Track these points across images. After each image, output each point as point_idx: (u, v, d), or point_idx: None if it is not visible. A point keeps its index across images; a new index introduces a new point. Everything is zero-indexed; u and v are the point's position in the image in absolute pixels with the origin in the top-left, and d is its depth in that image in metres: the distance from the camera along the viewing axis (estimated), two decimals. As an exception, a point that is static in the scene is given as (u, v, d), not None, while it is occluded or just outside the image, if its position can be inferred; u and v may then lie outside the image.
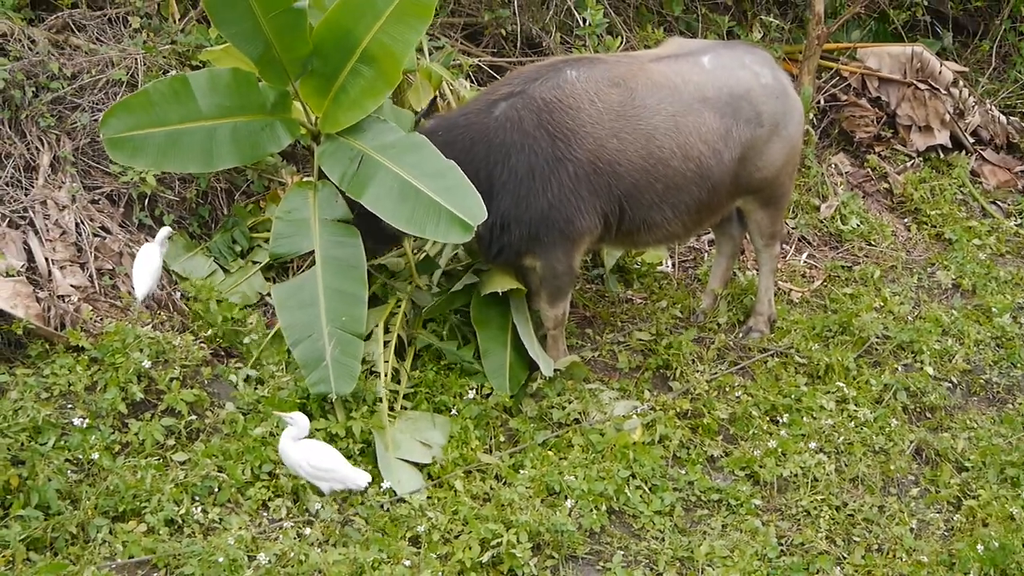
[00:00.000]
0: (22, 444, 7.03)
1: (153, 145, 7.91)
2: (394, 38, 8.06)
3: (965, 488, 8.31)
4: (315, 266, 8.07)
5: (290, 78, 8.15)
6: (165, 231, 8.42)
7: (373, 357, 8.30)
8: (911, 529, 7.90)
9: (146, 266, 8.23)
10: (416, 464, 7.82)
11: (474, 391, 8.34)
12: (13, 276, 8.05)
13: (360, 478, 7.32)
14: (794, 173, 9.47)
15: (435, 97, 8.79)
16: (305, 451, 7.25)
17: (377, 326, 8.47)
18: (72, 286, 8.31)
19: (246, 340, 8.38)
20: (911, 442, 8.68)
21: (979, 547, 7.41)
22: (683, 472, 8.08)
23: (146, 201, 8.89)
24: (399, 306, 8.67)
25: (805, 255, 11.09)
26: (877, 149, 12.46)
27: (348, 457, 7.67)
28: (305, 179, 8.51)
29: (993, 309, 10.31)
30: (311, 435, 7.60)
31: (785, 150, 8.92)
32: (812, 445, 8.37)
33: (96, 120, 9.02)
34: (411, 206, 7.80)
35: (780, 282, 10.40)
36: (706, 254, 10.69)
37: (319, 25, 8.07)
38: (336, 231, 8.19)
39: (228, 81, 8.10)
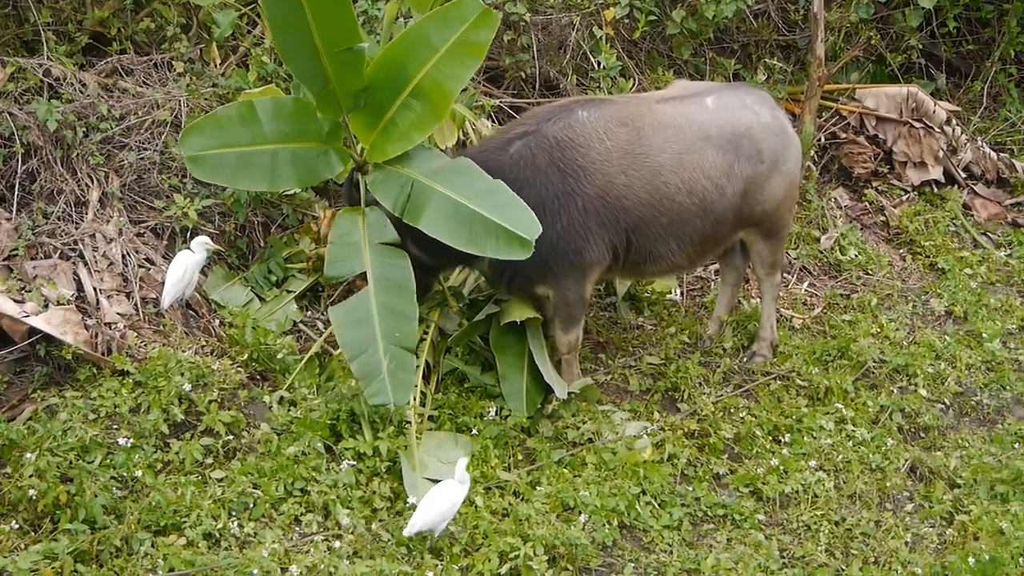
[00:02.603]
0: (71, 462, 7.05)
1: (228, 164, 7.95)
2: (446, 75, 8.04)
3: (957, 504, 8.27)
4: (367, 287, 8.02)
5: (343, 110, 8.15)
6: (200, 239, 8.45)
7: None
8: (906, 543, 7.86)
9: (174, 274, 8.31)
10: (440, 482, 7.82)
11: (494, 412, 8.34)
12: (64, 304, 8.10)
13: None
14: (793, 206, 9.46)
15: (462, 134, 8.78)
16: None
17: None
18: (118, 314, 8.34)
19: (278, 365, 8.39)
20: (906, 460, 8.63)
21: (971, 560, 7.36)
22: (690, 489, 8.06)
23: (188, 234, 8.91)
24: (426, 333, 8.67)
25: (806, 284, 11.06)
26: (874, 184, 12.43)
27: (375, 475, 7.68)
28: (352, 207, 8.48)
29: (984, 335, 10.26)
30: (340, 455, 7.64)
31: (784, 185, 8.91)
32: (812, 463, 8.34)
33: (143, 159, 9.09)
34: (468, 226, 7.78)
35: (782, 309, 10.37)
36: (712, 283, 10.67)
37: (375, 61, 8.08)
38: (386, 253, 8.13)
39: (291, 109, 8.13)
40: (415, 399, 8.18)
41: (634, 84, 11.33)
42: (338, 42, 7.80)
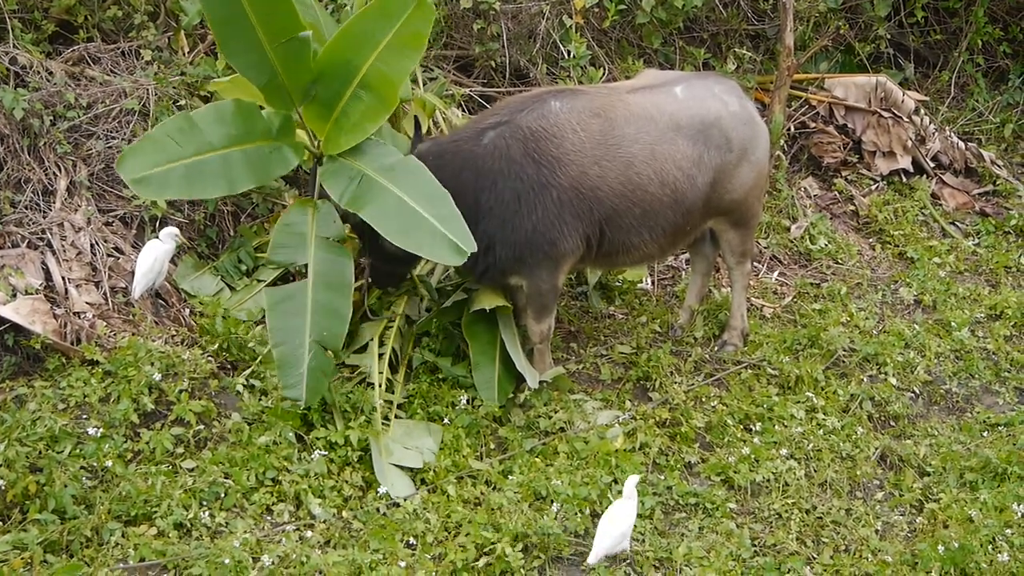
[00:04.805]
0: (40, 452, 7.02)
1: (176, 178, 7.82)
2: (391, 66, 8.02)
3: (927, 492, 8.33)
4: (307, 279, 8.03)
5: (295, 104, 8.14)
6: (169, 230, 8.42)
7: (368, 369, 8.30)
8: (876, 531, 7.91)
9: (143, 264, 8.29)
10: (410, 470, 7.82)
11: (465, 401, 8.35)
12: (32, 294, 8.05)
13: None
14: (762, 195, 9.49)
15: (417, 123, 8.77)
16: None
17: (372, 339, 8.48)
18: (87, 303, 8.30)
19: (249, 355, 8.37)
20: (876, 449, 8.68)
21: (940, 548, 7.41)
22: (662, 478, 8.09)
23: (157, 223, 8.88)
24: (392, 321, 8.67)
25: (776, 273, 11.10)
26: (844, 173, 12.49)
27: (346, 464, 7.68)
28: (306, 197, 8.48)
29: (952, 323, 10.33)
30: (312, 444, 7.64)
31: (753, 173, 8.94)
32: (783, 452, 8.38)
33: (111, 147, 9.04)
34: (408, 225, 7.76)
35: (753, 298, 10.41)
36: (683, 272, 10.69)
37: (321, 54, 8.05)
38: (330, 249, 8.14)
39: (233, 112, 8.06)
40: (380, 385, 8.18)
41: (604, 73, 11.33)
42: (281, 32, 7.79)
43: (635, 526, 7.59)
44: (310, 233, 8.15)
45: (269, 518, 7.29)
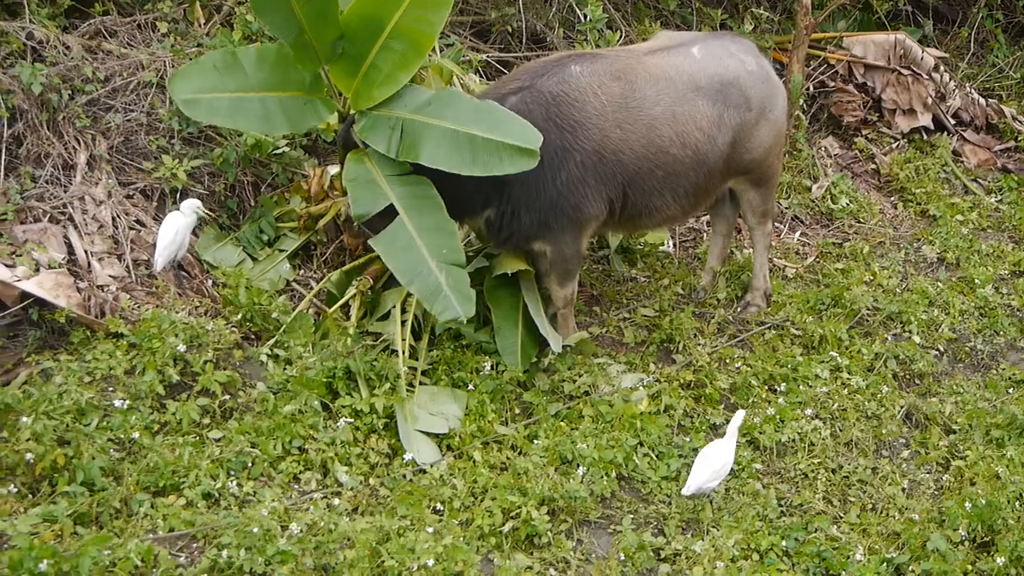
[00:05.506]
0: (67, 425, 7.03)
1: (223, 106, 7.90)
2: (420, 20, 7.96)
3: (953, 449, 8.32)
4: (400, 216, 7.89)
5: (321, 61, 8.10)
6: (189, 201, 8.43)
7: (391, 336, 8.30)
8: (903, 489, 7.91)
9: (165, 236, 8.30)
10: (436, 436, 7.84)
11: (489, 367, 8.35)
12: (55, 268, 8.06)
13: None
14: (781, 154, 9.46)
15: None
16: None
17: (395, 307, 8.47)
18: (110, 276, 8.32)
19: (272, 325, 8.38)
20: (901, 407, 8.68)
21: (967, 505, 7.40)
22: (687, 439, 8.08)
23: (178, 195, 8.88)
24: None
25: (798, 233, 11.07)
26: (864, 132, 12.45)
27: (372, 432, 7.69)
28: (356, 151, 8.38)
29: (976, 280, 10.30)
30: (337, 413, 7.65)
31: (772, 132, 8.91)
32: (808, 412, 8.37)
33: (129, 121, 9.04)
34: (469, 151, 7.71)
35: (775, 259, 10.39)
36: (704, 234, 10.67)
37: (347, 12, 7.99)
38: (406, 182, 8.02)
39: (274, 57, 8.07)
40: (404, 352, 8.18)
41: (621, 36, 11.28)
42: None
43: (660, 487, 7.62)
44: (378, 176, 8.06)
45: (296, 487, 7.30)
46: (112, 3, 9.84)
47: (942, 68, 12.70)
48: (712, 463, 7.36)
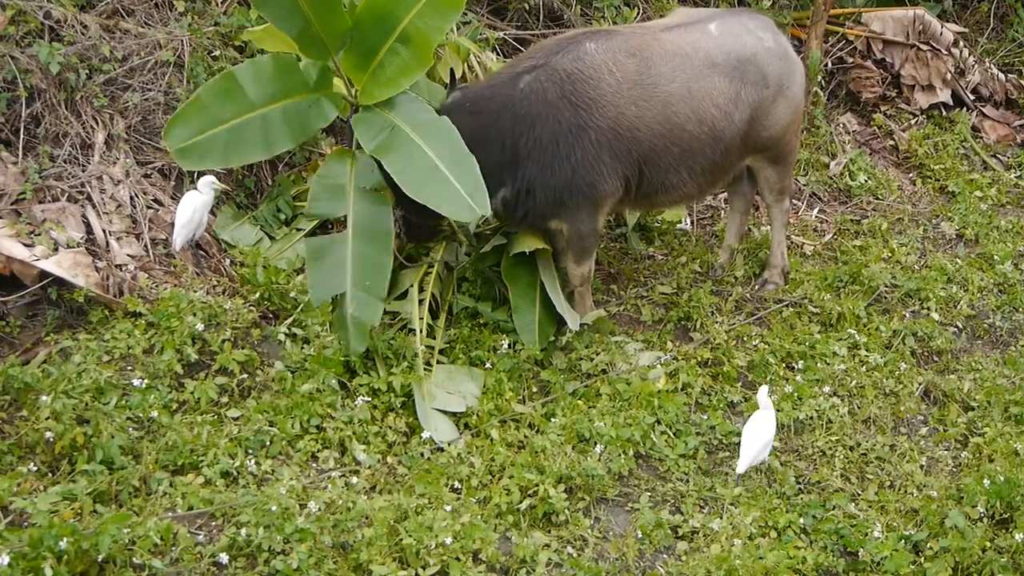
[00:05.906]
0: (86, 404, 7.05)
1: (218, 145, 7.85)
2: (429, 23, 7.99)
3: (971, 426, 8.31)
4: (346, 231, 8.03)
5: (331, 52, 8.10)
6: (207, 179, 8.42)
7: (409, 315, 8.31)
8: (921, 466, 7.90)
9: (183, 215, 8.31)
10: (453, 414, 7.85)
11: (507, 345, 8.35)
12: (73, 248, 8.08)
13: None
14: (799, 131, 9.44)
15: (452, 74, 8.74)
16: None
17: (412, 286, 8.48)
18: (128, 255, 8.33)
19: (290, 304, 8.39)
20: (919, 384, 8.66)
21: (986, 482, 7.37)
22: (705, 417, 8.08)
23: (195, 174, 8.88)
24: (432, 267, 8.67)
25: (816, 210, 11.04)
26: (883, 108, 12.39)
27: (389, 410, 7.70)
28: (343, 148, 8.47)
29: (995, 257, 10.26)
30: (355, 391, 7.66)
31: (790, 109, 8.89)
32: (826, 389, 8.36)
33: (147, 100, 9.03)
34: (428, 179, 7.75)
35: (793, 236, 10.36)
36: (722, 212, 10.64)
37: (360, 6, 8.04)
38: (369, 199, 8.13)
39: (271, 68, 8.03)
40: (422, 331, 8.19)
41: (639, 13, 11.25)
42: None
43: (678, 465, 7.62)
44: (348, 184, 8.14)
45: (314, 465, 7.32)
46: (129, -18, 9.83)
47: (961, 43, 12.63)
48: (759, 436, 7.40)
